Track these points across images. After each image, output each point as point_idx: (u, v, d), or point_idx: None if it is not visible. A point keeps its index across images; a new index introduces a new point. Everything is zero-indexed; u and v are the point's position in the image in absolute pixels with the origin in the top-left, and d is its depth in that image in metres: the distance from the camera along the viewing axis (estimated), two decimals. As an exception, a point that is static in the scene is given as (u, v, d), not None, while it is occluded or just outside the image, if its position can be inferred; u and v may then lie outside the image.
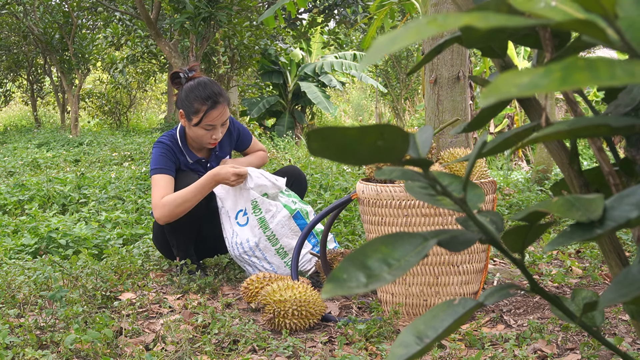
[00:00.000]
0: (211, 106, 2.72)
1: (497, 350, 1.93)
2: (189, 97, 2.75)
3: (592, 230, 0.52)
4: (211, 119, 2.74)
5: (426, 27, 0.44)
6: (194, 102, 2.74)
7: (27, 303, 2.47)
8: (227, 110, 2.78)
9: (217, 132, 2.78)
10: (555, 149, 0.67)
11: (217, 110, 2.74)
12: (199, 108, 2.73)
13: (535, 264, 3.01)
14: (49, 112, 19.27)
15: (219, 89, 2.77)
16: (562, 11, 0.44)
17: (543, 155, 5.32)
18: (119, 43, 11.76)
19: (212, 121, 2.75)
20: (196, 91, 2.74)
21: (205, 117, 2.73)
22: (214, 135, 2.78)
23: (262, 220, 2.73)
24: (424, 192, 0.64)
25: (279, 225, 2.73)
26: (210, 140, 2.80)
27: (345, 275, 0.53)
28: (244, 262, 2.79)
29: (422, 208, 2.27)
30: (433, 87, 3.53)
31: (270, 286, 2.29)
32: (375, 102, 16.96)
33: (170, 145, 2.84)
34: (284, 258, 2.74)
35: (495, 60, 0.72)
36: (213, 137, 2.78)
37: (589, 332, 0.65)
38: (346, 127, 0.48)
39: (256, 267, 2.77)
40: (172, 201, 2.70)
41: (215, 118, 2.75)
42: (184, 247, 2.86)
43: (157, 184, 2.77)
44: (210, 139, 2.80)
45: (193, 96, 2.74)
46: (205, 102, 2.72)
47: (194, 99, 2.74)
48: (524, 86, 0.42)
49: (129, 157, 8.18)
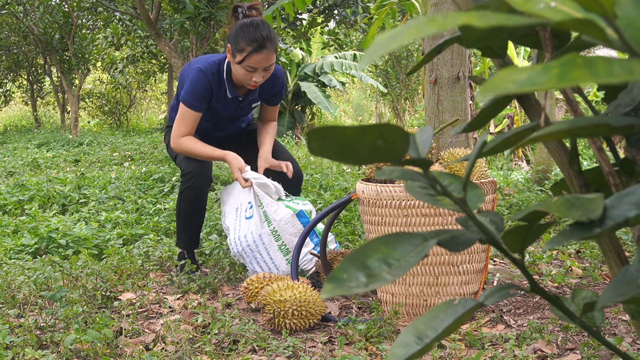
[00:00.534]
0: (256, 49, 2.66)
1: (497, 350, 1.93)
2: (238, 35, 2.69)
3: (592, 229, 0.52)
4: (253, 61, 2.68)
5: (426, 26, 0.44)
6: (241, 40, 2.67)
7: (27, 303, 2.47)
8: (272, 57, 2.71)
9: (257, 76, 2.72)
10: (555, 149, 0.67)
11: (261, 55, 2.67)
12: (244, 47, 2.67)
13: (535, 264, 3.01)
14: (49, 112, 19.27)
15: (268, 33, 2.69)
16: (562, 11, 0.44)
17: (543, 155, 5.32)
18: (119, 43, 11.76)
19: (254, 64, 2.68)
20: (246, 30, 2.68)
21: (248, 58, 2.67)
22: (254, 78, 2.72)
23: (266, 215, 2.77)
24: (424, 192, 0.64)
25: (282, 222, 2.76)
26: (250, 82, 2.74)
27: (345, 275, 0.53)
28: (247, 257, 2.79)
29: (422, 208, 2.27)
30: (433, 87, 3.53)
31: (270, 286, 2.29)
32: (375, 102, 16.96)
33: (212, 78, 2.80)
34: (286, 255, 2.75)
35: (495, 60, 0.72)
36: (253, 79, 2.72)
37: (589, 332, 0.65)
38: (346, 127, 0.48)
39: (258, 263, 2.77)
40: (186, 148, 2.82)
41: (257, 62, 2.68)
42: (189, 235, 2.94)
43: (184, 118, 2.81)
44: (250, 81, 2.74)
45: (242, 35, 2.68)
46: (251, 43, 2.66)
47: (241, 38, 2.68)
48: (522, 82, 0.42)
49: (129, 157, 8.18)
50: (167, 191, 5.11)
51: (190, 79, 2.80)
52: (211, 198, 4.46)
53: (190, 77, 2.80)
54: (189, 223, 2.93)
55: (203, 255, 3.28)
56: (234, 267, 2.99)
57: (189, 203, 2.89)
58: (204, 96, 2.79)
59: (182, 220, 2.93)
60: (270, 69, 2.74)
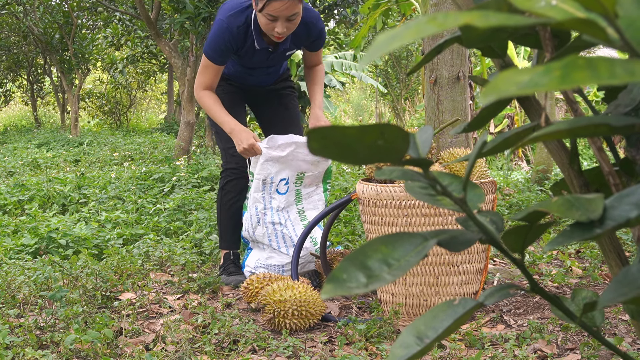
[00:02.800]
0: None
1: (497, 350, 1.93)
2: None
3: (592, 229, 0.52)
4: (273, 9, 2.48)
5: (426, 26, 0.44)
6: None
7: (27, 303, 2.47)
8: (295, 5, 2.49)
9: (280, 26, 2.52)
10: (555, 149, 0.67)
11: (281, 3, 2.46)
12: None
13: (535, 264, 3.01)
14: (49, 112, 19.27)
15: None
16: (563, 10, 0.44)
17: (543, 155, 5.32)
18: (119, 43, 11.76)
19: (274, 12, 2.48)
20: None
21: (268, 5, 2.48)
22: (277, 29, 2.53)
23: (299, 193, 2.82)
24: (424, 192, 0.64)
25: (311, 205, 2.84)
26: (274, 33, 2.55)
27: (345, 276, 0.53)
28: (267, 231, 2.79)
29: (422, 208, 2.27)
30: (433, 87, 3.53)
31: (270, 286, 2.29)
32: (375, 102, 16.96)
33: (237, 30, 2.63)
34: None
35: (495, 60, 0.72)
36: (276, 29, 2.53)
37: (589, 332, 0.65)
38: (346, 127, 0.48)
39: (277, 239, 2.79)
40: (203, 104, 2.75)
41: (277, 9, 2.48)
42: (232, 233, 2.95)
43: (206, 70, 2.71)
44: (272, 31, 2.55)
45: None
46: None
47: None
48: (524, 84, 0.42)
49: (129, 157, 8.18)
50: (167, 191, 5.11)
51: (213, 30, 2.67)
52: (211, 198, 4.46)
53: (213, 29, 2.67)
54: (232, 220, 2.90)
55: (203, 255, 3.28)
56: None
57: (231, 198, 2.87)
58: (225, 50, 2.66)
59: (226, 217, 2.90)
60: (295, 19, 2.54)
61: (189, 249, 3.22)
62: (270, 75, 2.95)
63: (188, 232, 3.65)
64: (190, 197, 4.41)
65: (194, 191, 4.64)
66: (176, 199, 4.29)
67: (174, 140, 10.10)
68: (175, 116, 15.34)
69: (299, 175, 2.81)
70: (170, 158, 7.36)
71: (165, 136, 11.75)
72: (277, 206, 2.81)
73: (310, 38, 2.76)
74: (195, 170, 5.68)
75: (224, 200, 2.91)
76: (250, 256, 2.87)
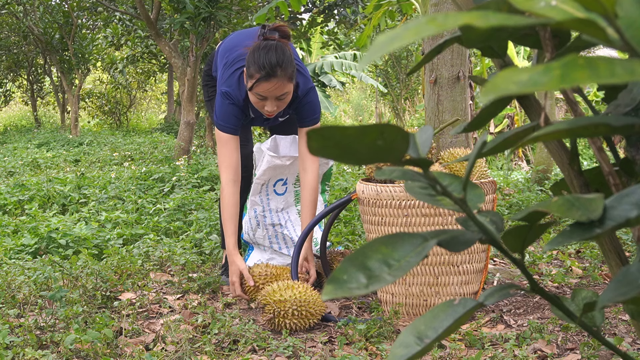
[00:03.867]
0: (264, 77, 2.45)
1: (497, 350, 1.93)
2: (250, 59, 2.50)
3: (592, 229, 0.52)
4: (262, 89, 2.49)
5: (426, 27, 0.44)
6: (252, 65, 2.49)
7: (27, 303, 2.47)
8: (285, 85, 2.49)
9: (269, 105, 2.53)
10: (555, 149, 0.67)
11: (270, 84, 2.46)
12: (253, 74, 2.48)
13: (535, 264, 3.01)
14: (49, 112, 19.27)
15: (282, 59, 2.46)
16: (563, 10, 0.44)
17: (543, 155, 5.32)
18: (119, 43, 11.76)
19: (263, 92, 2.49)
20: (257, 54, 2.48)
21: (256, 85, 2.48)
22: (267, 107, 2.53)
23: (298, 194, 2.83)
24: (424, 192, 0.64)
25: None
26: (263, 111, 2.57)
27: (346, 276, 0.53)
28: (267, 233, 2.79)
29: (422, 208, 2.27)
30: (433, 87, 3.53)
31: (271, 286, 2.29)
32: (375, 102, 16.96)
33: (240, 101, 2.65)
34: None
35: (495, 60, 0.72)
36: (265, 108, 2.54)
37: (589, 332, 0.65)
38: (346, 127, 0.48)
39: (277, 240, 2.79)
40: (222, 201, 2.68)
41: (266, 90, 2.48)
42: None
43: (226, 144, 2.66)
44: (262, 109, 2.56)
45: (253, 59, 2.49)
46: (260, 70, 2.46)
47: (252, 62, 2.48)
48: (524, 83, 0.42)
49: (129, 157, 8.18)
50: (167, 191, 5.11)
51: (219, 103, 2.66)
52: (211, 198, 4.46)
53: (219, 102, 2.66)
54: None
55: (203, 255, 3.28)
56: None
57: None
58: (237, 118, 2.65)
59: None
60: (285, 98, 2.54)
61: (189, 249, 3.22)
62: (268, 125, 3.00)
63: (188, 232, 3.65)
64: (190, 197, 4.41)
65: (194, 191, 4.65)
66: (176, 199, 4.29)
67: (174, 140, 10.10)
68: (175, 116, 15.33)
69: (299, 177, 2.82)
70: (170, 158, 7.36)
71: (165, 136, 11.75)
72: (276, 207, 2.81)
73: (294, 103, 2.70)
74: (195, 170, 5.68)
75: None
76: (251, 257, 2.87)
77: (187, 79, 7.09)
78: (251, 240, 2.84)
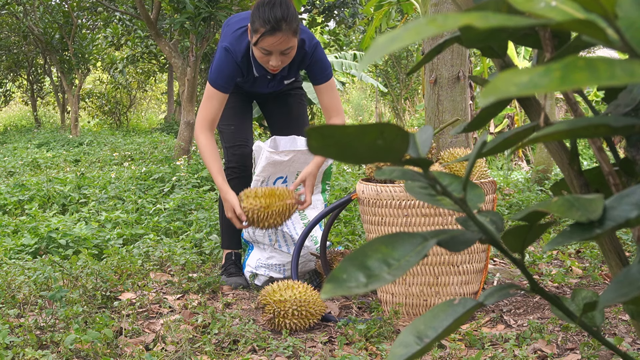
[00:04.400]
0: (269, 31, 2.45)
1: (497, 350, 1.93)
2: (254, 14, 2.50)
3: (592, 230, 0.52)
4: (267, 44, 2.49)
5: (426, 27, 0.44)
6: (256, 20, 2.48)
7: (27, 303, 2.47)
8: (289, 40, 2.49)
9: (274, 60, 2.54)
10: (555, 149, 0.67)
11: (275, 38, 2.47)
12: (258, 28, 2.48)
13: (535, 264, 3.01)
14: (49, 112, 19.27)
15: (286, 14, 2.46)
16: (562, 11, 0.44)
17: (543, 155, 5.32)
18: (119, 43, 11.76)
19: (268, 47, 2.50)
20: (261, 10, 2.48)
21: (261, 40, 2.49)
22: (271, 62, 2.54)
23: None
24: (424, 192, 0.64)
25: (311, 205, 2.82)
26: (268, 66, 2.58)
27: (345, 276, 0.53)
28: (268, 233, 2.80)
29: (422, 208, 2.27)
30: (433, 87, 3.53)
31: (271, 286, 2.29)
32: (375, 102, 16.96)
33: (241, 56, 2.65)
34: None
35: (495, 61, 0.72)
36: (270, 63, 2.55)
37: (589, 332, 0.65)
38: (346, 126, 0.48)
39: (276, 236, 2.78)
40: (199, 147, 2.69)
41: (271, 44, 2.49)
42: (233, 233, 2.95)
43: (211, 99, 2.66)
44: (267, 64, 2.57)
45: (257, 14, 2.48)
46: (264, 24, 2.46)
47: (257, 17, 2.48)
48: (524, 85, 0.42)
49: (129, 157, 8.18)
50: (167, 191, 5.11)
51: (217, 58, 2.67)
52: (211, 198, 4.46)
53: (218, 57, 2.67)
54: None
55: (203, 255, 3.28)
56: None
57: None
58: (231, 77, 2.66)
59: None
60: (289, 52, 2.55)
61: (189, 249, 3.22)
62: (271, 90, 2.97)
63: (188, 232, 3.65)
64: (190, 197, 4.41)
65: (194, 191, 4.64)
66: (176, 199, 4.29)
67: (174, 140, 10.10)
68: (175, 116, 15.34)
69: (299, 174, 2.82)
70: (170, 158, 7.36)
71: (165, 136, 11.75)
72: None
73: (303, 64, 2.73)
74: (195, 170, 5.68)
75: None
76: (251, 256, 2.87)
77: (187, 79, 7.09)
78: (251, 238, 2.84)
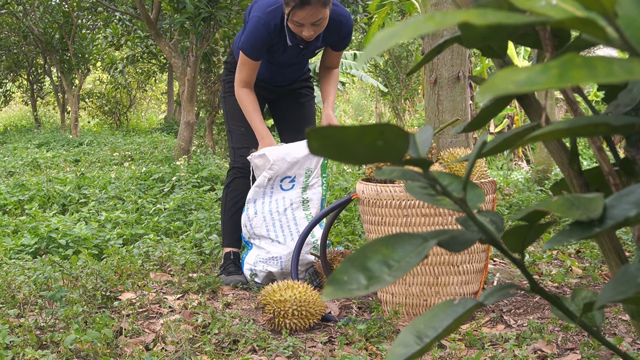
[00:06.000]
0: (298, 5, 2.56)
1: (497, 350, 1.93)
2: None
3: (592, 228, 0.52)
4: (297, 17, 2.60)
5: (424, 24, 0.44)
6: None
7: (27, 303, 2.47)
8: (319, 12, 2.59)
9: (307, 30, 2.64)
10: (555, 148, 0.67)
11: (305, 11, 2.57)
12: (288, 2, 2.60)
13: (535, 264, 3.00)
14: (49, 112, 19.27)
15: None
16: (562, 9, 0.44)
17: (543, 155, 5.32)
18: (119, 43, 11.75)
19: (299, 19, 2.61)
20: None
21: (292, 13, 2.60)
22: (304, 33, 2.64)
23: (304, 200, 2.86)
24: (424, 192, 0.64)
25: (316, 196, 2.88)
26: (302, 35, 2.68)
27: (346, 277, 0.53)
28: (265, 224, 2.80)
29: (422, 208, 2.27)
30: (433, 87, 3.53)
31: (270, 286, 2.29)
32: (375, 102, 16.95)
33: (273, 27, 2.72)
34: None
35: (495, 60, 0.72)
36: (303, 33, 2.65)
37: (589, 332, 0.65)
38: (346, 127, 0.48)
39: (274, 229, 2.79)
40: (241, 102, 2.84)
41: (302, 17, 2.60)
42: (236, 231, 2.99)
43: (244, 66, 2.80)
44: (301, 34, 2.67)
45: None
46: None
47: None
48: (522, 83, 0.42)
49: (129, 157, 8.18)
50: (167, 191, 5.11)
51: (249, 27, 2.75)
52: (211, 198, 4.46)
53: (249, 26, 2.75)
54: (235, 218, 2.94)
55: (203, 255, 3.28)
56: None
57: (235, 196, 2.92)
58: (261, 47, 2.75)
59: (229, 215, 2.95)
60: (321, 23, 2.64)
61: (189, 249, 3.22)
62: (294, 73, 3.03)
63: (188, 232, 3.65)
64: (190, 197, 4.41)
65: (194, 191, 4.64)
66: (176, 199, 4.29)
67: (174, 140, 10.10)
68: (175, 116, 15.33)
69: (307, 172, 2.86)
70: (170, 158, 7.36)
71: (165, 136, 11.75)
72: (277, 198, 2.83)
73: (339, 35, 2.84)
74: (195, 170, 5.67)
75: (228, 197, 2.97)
76: (249, 253, 2.87)
77: (187, 79, 7.09)
78: (248, 232, 2.84)
